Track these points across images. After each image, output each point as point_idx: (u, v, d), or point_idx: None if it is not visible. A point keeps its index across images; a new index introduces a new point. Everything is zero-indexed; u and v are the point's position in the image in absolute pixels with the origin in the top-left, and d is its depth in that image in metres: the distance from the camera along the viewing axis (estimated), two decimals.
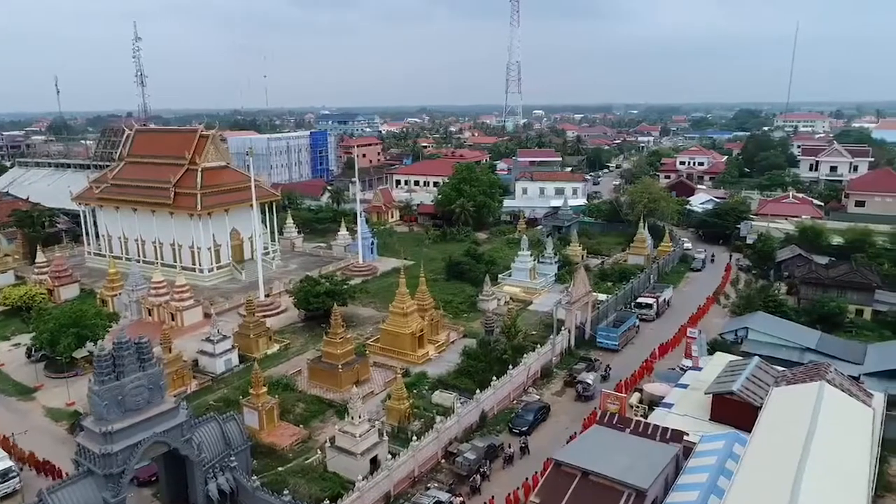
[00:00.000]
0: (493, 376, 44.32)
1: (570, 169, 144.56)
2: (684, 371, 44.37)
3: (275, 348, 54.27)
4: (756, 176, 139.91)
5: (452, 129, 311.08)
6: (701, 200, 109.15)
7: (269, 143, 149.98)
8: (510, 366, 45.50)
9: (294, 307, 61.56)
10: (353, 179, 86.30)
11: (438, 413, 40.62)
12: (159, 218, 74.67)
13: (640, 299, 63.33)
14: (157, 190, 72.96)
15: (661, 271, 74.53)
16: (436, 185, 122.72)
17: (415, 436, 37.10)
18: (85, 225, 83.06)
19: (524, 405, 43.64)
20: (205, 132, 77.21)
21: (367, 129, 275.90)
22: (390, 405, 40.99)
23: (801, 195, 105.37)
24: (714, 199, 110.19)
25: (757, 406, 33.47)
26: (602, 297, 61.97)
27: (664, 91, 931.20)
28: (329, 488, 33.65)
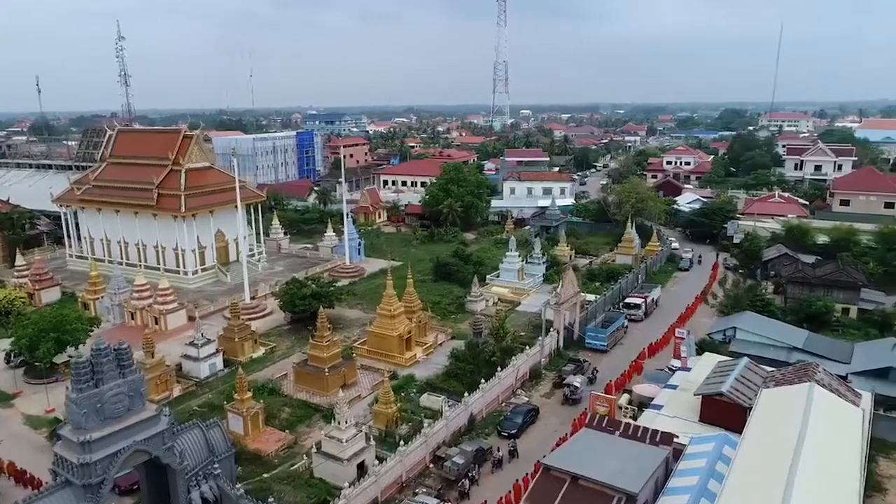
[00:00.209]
0: (482, 378, 43.94)
1: (557, 169, 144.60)
2: (673, 372, 44.26)
3: (260, 352, 53.51)
4: (742, 175, 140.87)
5: (440, 128, 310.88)
6: (688, 200, 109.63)
7: (254, 144, 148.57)
8: (499, 368, 45.13)
9: (280, 309, 60.79)
10: (340, 180, 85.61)
11: (426, 416, 40.21)
12: (142, 220, 73.60)
13: (628, 299, 63.27)
14: (140, 191, 71.93)
15: (648, 271, 74.59)
16: (423, 185, 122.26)
17: (402, 440, 36.63)
18: (66, 227, 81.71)
19: (513, 408, 43.29)
20: (189, 132, 76.58)
21: (355, 129, 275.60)
22: (378, 409, 40.48)
23: (786, 194, 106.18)
24: (701, 198, 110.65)
25: (746, 407, 33.42)
26: (590, 297, 61.81)
27: (650, 91, 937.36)
28: (315, 495, 33.23)
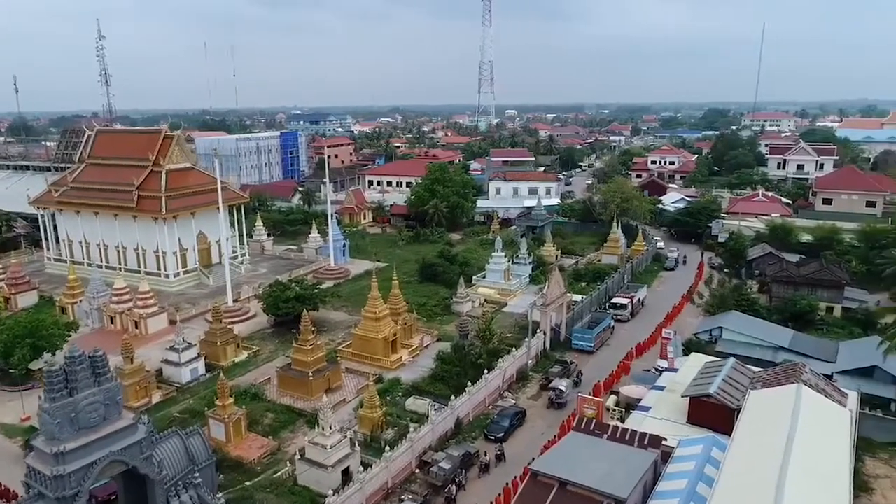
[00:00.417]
0: (468, 381, 43.36)
1: (543, 168, 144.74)
2: (660, 372, 44.05)
3: (243, 356, 52.60)
4: (725, 174, 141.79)
5: (425, 128, 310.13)
6: (673, 199, 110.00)
7: (238, 144, 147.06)
8: (485, 370, 44.66)
9: (263, 312, 59.86)
10: (325, 180, 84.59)
11: (413, 420, 39.61)
12: (122, 222, 72.24)
13: (614, 300, 63.09)
14: (119, 193, 70.59)
15: (634, 271, 74.57)
16: (409, 185, 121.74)
17: (388, 445, 36.01)
18: (44, 229, 79.97)
19: (500, 410, 42.84)
20: (169, 133, 75.35)
21: (339, 129, 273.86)
22: (363, 413, 39.85)
23: (770, 193, 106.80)
24: (685, 197, 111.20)
25: (734, 408, 33.25)
26: (577, 297, 61.55)
27: (634, 91, 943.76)
28: (299, 503, 32.51)
